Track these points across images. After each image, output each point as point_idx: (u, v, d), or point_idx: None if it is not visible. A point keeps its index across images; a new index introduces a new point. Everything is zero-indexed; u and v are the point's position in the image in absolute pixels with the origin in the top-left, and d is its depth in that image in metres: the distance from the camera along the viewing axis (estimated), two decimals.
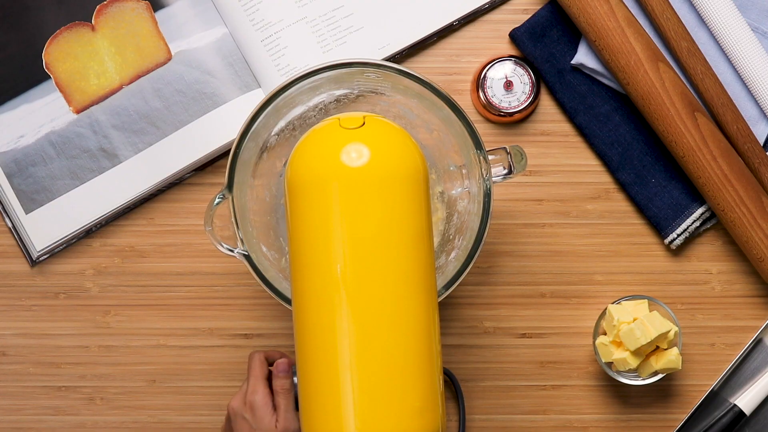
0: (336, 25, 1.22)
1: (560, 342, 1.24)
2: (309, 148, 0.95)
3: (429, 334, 0.94)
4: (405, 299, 0.93)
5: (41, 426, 1.25)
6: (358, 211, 0.92)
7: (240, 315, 1.24)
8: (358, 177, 0.92)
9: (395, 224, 0.93)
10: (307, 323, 0.93)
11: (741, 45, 1.19)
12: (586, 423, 1.25)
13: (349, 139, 0.94)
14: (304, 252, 0.94)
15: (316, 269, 0.93)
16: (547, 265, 1.24)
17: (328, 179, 0.93)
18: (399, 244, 0.93)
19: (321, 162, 0.93)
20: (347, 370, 0.91)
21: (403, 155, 0.94)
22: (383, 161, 0.93)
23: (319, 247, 0.93)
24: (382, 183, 0.93)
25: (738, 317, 1.24)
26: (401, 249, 0.93)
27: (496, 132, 1.24)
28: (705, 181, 1.18)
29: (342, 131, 0.94)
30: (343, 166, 0.93)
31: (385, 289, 0.92)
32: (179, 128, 1.21)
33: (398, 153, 0.94)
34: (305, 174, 0.94)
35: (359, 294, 0.92)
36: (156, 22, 1.22)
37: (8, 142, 1.22)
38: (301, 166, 0.94)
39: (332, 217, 0.92)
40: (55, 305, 1.24)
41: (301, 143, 0.96)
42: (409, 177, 0.94)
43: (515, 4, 1.24)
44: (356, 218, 0.92)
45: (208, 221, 1.07)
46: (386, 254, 0.92)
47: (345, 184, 0.92)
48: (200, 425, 1.25)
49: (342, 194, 0.92)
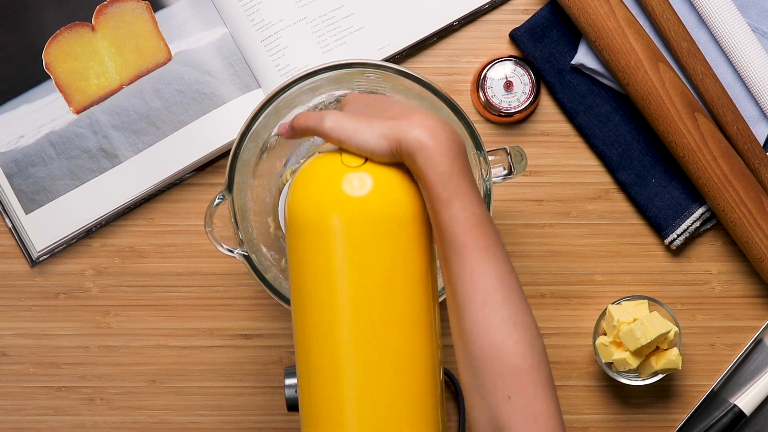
0: (336, 25, 1.22)
1: (560, 342, 1.24)
2: (311, 186, 0.92)
3: (432, 371, 0.92)
4: (409, 338, 0.90)
5: (41, 426, 1.25)
6: (361, 251, 0.90)
7: (240, 315, 1.24)
8: (361, 218, 0.90)
9: (399, 264, 0.90)
10: (309, 359, 0.92)
11: (741, 45, 1.19)
12: (586, 423, 1.25)
13: (353, 179, 0.91)
14: (305, 289, 0.91)
15: (318, 309, 0.91)
16: (547, 265, 1.24)
17: (331, 221, 0.90)
18: (402, 285, 0.90)
19: (324, 202, 0.90)
20: (351, 413, 0.90)
21: (406, 194, 0.91)
22: (386, 201, 0.90)
23: (322, 285, 0.91)
24: (386, 223, 0.90)
25: (738, 317, 1.24)
26: (404, 289, 0.90)
27: (496, 132, 1.24)
28: (705, 181, 1.18)
29: (344, 169, 0.91)
30: (346, 208, 0.90)
31: (389, 329, 0.90)
32: (179, 128, 1.21)
33: (401, 192, 0.91)
34: (307, 213, 0.91)
35: (362, 334, 0.90)
36: (156, 22, 1.22)
37: (8, 142, 1.22)
38: (303, 204, 0.91)
39: (335, 257, 0.90)
40: (55, 305, 1.24)
41: (302, 177, 0.93)
42: (412, 216, 0.91)
43: (515, 4, 1.24)
44: (359, 258, 0.90)
45: (208, 222, 1.07)
46: (389, 295, 0.90)
47: (348, 224, 0.90)
48: (200, 425, 1.25)
49: (345, 234, 0.90)
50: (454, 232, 0.89)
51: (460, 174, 0.89)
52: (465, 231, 0.89)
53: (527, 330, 0.89)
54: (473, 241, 0.89)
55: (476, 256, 0.89)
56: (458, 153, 0.89)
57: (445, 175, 0.88)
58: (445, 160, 0.88)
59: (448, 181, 0.88)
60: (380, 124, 0.90)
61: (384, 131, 0.90)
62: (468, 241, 0.89)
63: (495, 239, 0.90)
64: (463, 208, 0.89)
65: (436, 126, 0.89)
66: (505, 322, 0.88)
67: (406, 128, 0.89)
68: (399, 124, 0.89)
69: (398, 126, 0.89)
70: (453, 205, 0.89)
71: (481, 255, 0.89)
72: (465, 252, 0.89)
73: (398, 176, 0.91)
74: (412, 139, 0.88)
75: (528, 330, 0.89)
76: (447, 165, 0.88)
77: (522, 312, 0.89)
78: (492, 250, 0.89)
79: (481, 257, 0.89)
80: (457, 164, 0.89)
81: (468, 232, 0.89)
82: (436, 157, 0.88)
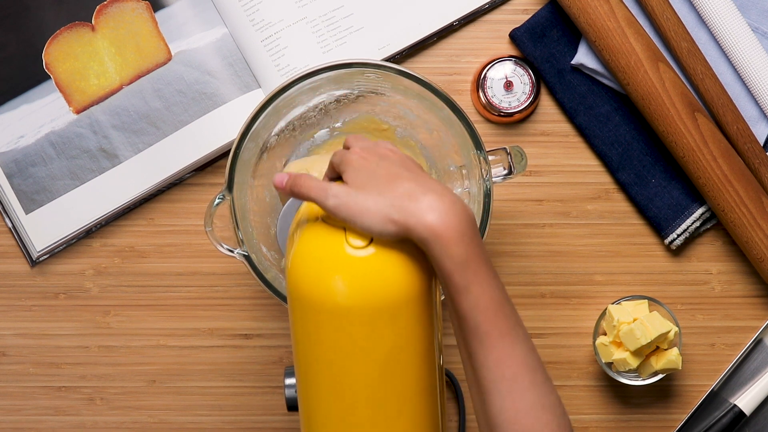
0: (336, 25, 1.22)
1: (560, 342, 1.24)
2: (314, 266, 0.89)
3: None
4: (413, 414, 0.90)
5: (41, 426, 1.25)
6: (363, 335, 0.88)
7: (240, 315, 1.24)
8: (364, 303, 0.88)
9: (403, 344, 0.89)
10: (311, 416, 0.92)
11: (741, 45, 1.19)
12: (586, 423, 1.25)
13: (357, 263, 0.88)
14: (309, 367, 0.90)
15: (319, 382, 0.90)
16: (547, 265, 1.24)
17: (334, 305, 0.88)
18: (407, 364, 0.89)
19: (327, 285, 0.88)
20: None
21: (412, 274, 0.89)
22: (392, 285, 0.88)
23: (323, 362, 0.89)
24: (391, 307, 0.88)
25: (738, 317, 1.24)
26: (408, 370, 0.89)
27: (496, 132, 1.24)
28: (705, 181, 1.18)
29: (348, 250, 0.88)
30: (350, 294, 0.87)
31: (392, 408, 0.89)
32: (179, 128, 1.21)
33: (407, 273, 0.89)
34: (310, 292, 0.89)
35: (361, 411, 0.89)
36: (156, 22, 1.22)
37: (8, 142, 1.22)
38: (306, 282, 0.89)
39: (337, 340, 0.88)
40: (55, 305, 1.24)
41: (304, 249, 0.90)
42: (416, 294, 0.89)
43: (515, 4, 1.24)
44: (361, 342, 0.88)
45: (208, 222, 1.07)
46: (394, 375, 0.89)
47: (350, 309, 0.88)
48: (200, 425, 1.25)
49: (348, 318, 0.88)
50: (476, 321, 0.87)
51: (477, 259, 0.87)
52: (486, 319, 0.87)
53: (554, 410, 0.89)
54: (495, 328, 0.87)
55: (500, 342, 0.87)
56: (472, 235, 0.87)
57: (462, 264, 0.86)
58: (461, 248, 0.86)
59: (465, 269, 0.86)
60: (387, 207, 0.87)
61: (392, 215, 0.87)
62: (490, 329, 0.87)
63: (515, 320, 0.89)
64: (482, 294, 0.87)
65: (447, 209, 0.86)
66: (533, 407, 0.88)
67: (417, 215, 0.86)
68: (407, 210, 0.86)
69: (406, 212, 0.86)
70: (471, 293, 0.87)
71: (504, 341, 0.88)
72: (488, 341, 0.87)
73: (404, 256, 0.89)
74: (424, 228, 0.86)
75: (555, 410, 0.89)
76: (463, 253, 0.86)
77: (548, 392, 0.89)
78: (514, 333, 0.88)
79: (505, 343, 0.88)
80: (472, 249, 0.86)
81: (489, 320, 0.87)
82: (451, 246, 0.86)
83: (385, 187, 0.88)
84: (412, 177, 0.89)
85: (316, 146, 1.21)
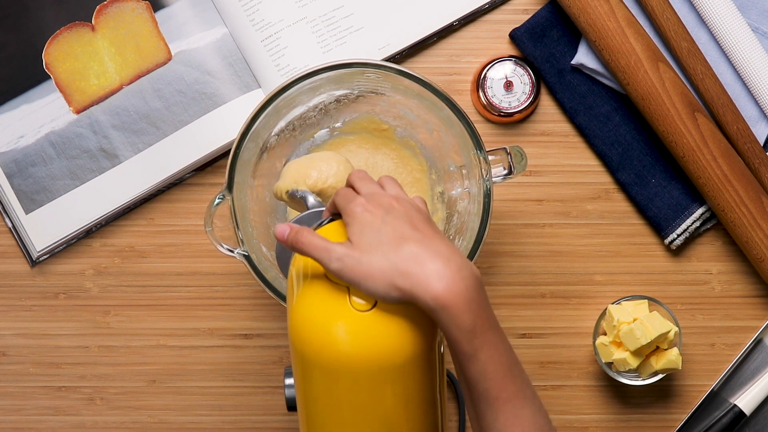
0: (336, 25, 1.22)
1: (560, 342, 1.24)
2: (317, 326, 0.88)
3: None
4: None
5: (41, 426, 1.25)
6: (366, 395, 0.87)
7: (240, 315, 1.24)
8: (368, 365, 0.87)
9: (406, 402, 0.88)
10: None
11: (741, 45, 1.19)
12: (586, 423, 1.25)
13: (360, 327, 0.87)
14: (312, 416, 0.90)
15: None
16: (547, 265, 1.24)
17: (338, 366, 0.87)
18: (408, 421, 0.89)
19: (330, 347, 0.87)
20: None
21: (416, 336, 0.88)
22: (395, 348, 0.87)
23: (326, 416, 0.89)
24: (393, 369, 0.87)
25: (738, 317, 1.24)
26: (410, 424, 0.89)
27: (496, 132, 1.24)
28: (705, 181, 1.18)
29: (351, 312, 0.88)
30: (354, 357, 0.87)
31: None
32: (179, 128, 1.21)
33: (411, 336, 0.88)
34: (313, 352, 0.88)
35: None
36: (156, 22, 1.22)
37: (8, 142, 1.22)
38: (309, 340, 0.88)
39: (340, 399, 0.88)
40: (55, 305, 1.24)
41: (307, 307, 0.89)
42: (419, 355, 0.88)
43: (515, 4, 1.24)
44: (365, 401, 0.88)
45: (208, 221, 1.07)
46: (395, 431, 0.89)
47: (353, 371, 0.87)
48: (200, 425, 1.25)
49: (350, 379, 0.87)
50: (484, 387, 0.87)
51: (484, 324, 0.86)
52: (494, 384, 0.87)
53: None
54: (503, 392, 0.87)
55: (509, 406, 0.87)
56: (480, 300, 0.86)
57: (469, 332, 0.85)
58: (468, 317, 0.85)
59: (473, 337, 0.85)
60: (392, 272, 0.85)
61: (397, 282, 0.85)
62: (499, 394, 0.87)
63: (523, 381, 0.88)
64: (490, 360, 0.86)
65: (453, 276, 0.85)
66: None
67: (423, 283, 0.84)
68: (413, 277, 0.85)
69: (412, 279, 0.85)
70: (479, 359, 0.86)
71: (513, 404, 0.87)
72: (496, 404, 0.87)
73: (407, 316, 0.88)
74: (430, 299, 0.84)
75: None
76: (470, 321, 0.85)
77: None
78: (522, 395, 0.88)
79: (514, 406, 0.87)
80: (480, 315, 0.86)
81: (497, 385, 0.87)
82: (459, 315, 0.85)
83: (390, 249, 0.86)
84: (418, 238, 0.87)
85: (316, 146, 1.21)
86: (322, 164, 1.09)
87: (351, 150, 1.21)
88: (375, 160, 1.21)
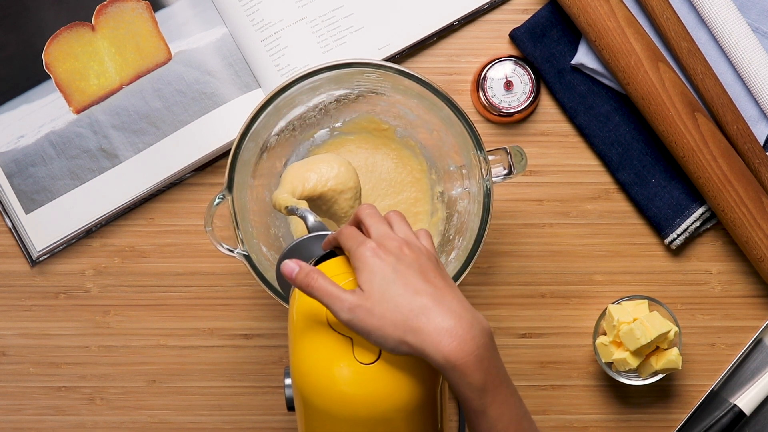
0: (336, 25, 1.22)
1: (560, 342, 1.24)
2: (320, 377, 0.88)
3: None
4: None
5: (41, 426, 1.25)
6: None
7: (240, 315, 1.24)
8: (372, 415, 0.87)
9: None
10: None
11: (741, 45, 1.19)
12: (586, 423, 1.25)
13: (364, 379, 0.87)
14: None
15: None
16: (547, 265, 1.24)
17: (338, 411, 0.87)
18: None
19: (334, 398, 0.87)
20: None
21: (421, 386, 0.88)
22: (399, 399, 0.87)
23: None
24: (397, 418, 0.87)
25: (738, 317, 1.24)
26: None
27: (496, 132, 1.24)
28: (705, 181, 1.18)
29: (355, 365, 0.87)
30: (358, 409, 0.87)
31: None
32: (179, 128, 1.21)
33: (415, 386, 0.88)
34: (317, 401, 0.88)
35: None
36: (156, 22, 1.22)
37: (8, 142, 1.22)
38: (312, 388, 0.88)
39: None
40: (55, 305, 1.24)
41: (310, 356, 0.89)
42: (423, 403, 0.88)
43: (515, 4, 1.24)
44: None
45: (208, 221, 1.07)
46: None
47: (356, 421, 0.87)
48: (200, 425, 1.25)
49: (352, 426, 0.88)
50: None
51: (494, 381, 0.86)
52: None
53: None
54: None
55: None
56: (491, 358, 0.86)
57: (479, 390, 0.85)
58: (478, 375, 0.84)
59: (483, 395, 0.85)
60: (402, 326, 0.84)
61: (406, 338, 0.84)
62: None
63: (532, 431, 0.89)
64: (500, 417, 0.86)
65: (464, 334, 0.84)
66: None
67: (432, 341, 0.84)
68: (423, 333, 0.84)
69: (421, 335, 0.84)
70: (489, 416, 0.86)
71: None
72: None
73: (411, 366, 0.88)
74: (440, 357, 0.84)
75: None
76: (480, 380, 0.85)
77: None
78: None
79: None
80: (490, 373, 0.85)
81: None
82: (469, 374, 0.84)
83: (400, 301, 0.85)
84: (429, 291, 0.86)
85: (316, 146, 1.21)
86: (322, 166, 1.09)
87: (351, 150, 1.21)
88: (375, 160, 1.21)
